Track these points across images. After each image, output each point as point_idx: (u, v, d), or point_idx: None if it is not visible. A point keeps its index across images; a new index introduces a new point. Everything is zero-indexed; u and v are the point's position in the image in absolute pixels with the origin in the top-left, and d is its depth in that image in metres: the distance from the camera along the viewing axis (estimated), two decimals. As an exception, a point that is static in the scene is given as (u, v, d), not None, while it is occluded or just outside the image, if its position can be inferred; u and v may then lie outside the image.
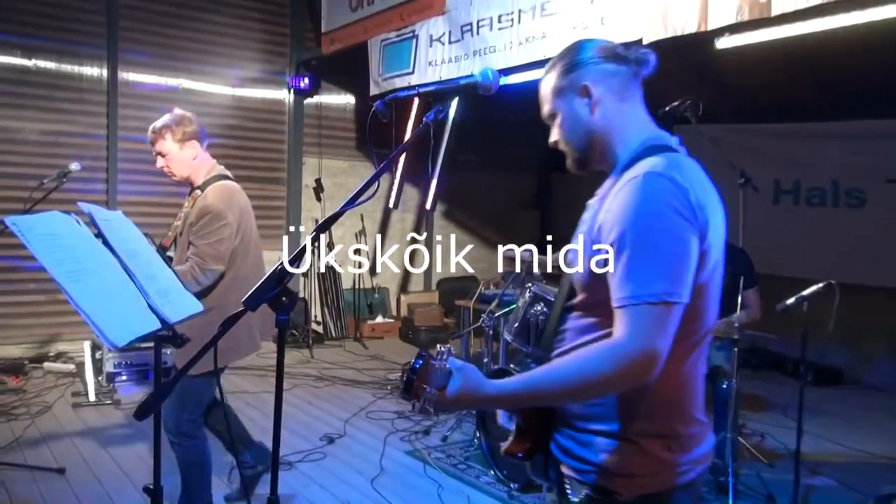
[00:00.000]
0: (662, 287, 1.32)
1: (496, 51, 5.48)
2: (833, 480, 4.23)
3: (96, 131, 7.08)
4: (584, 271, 1.47)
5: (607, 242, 1.39)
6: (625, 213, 1.37)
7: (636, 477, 1.46)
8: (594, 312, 1.49)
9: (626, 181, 1.41)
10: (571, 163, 1.62)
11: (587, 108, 1.54)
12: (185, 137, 3.14)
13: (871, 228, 6.50)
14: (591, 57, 1.57)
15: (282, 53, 8.23)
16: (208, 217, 3.00)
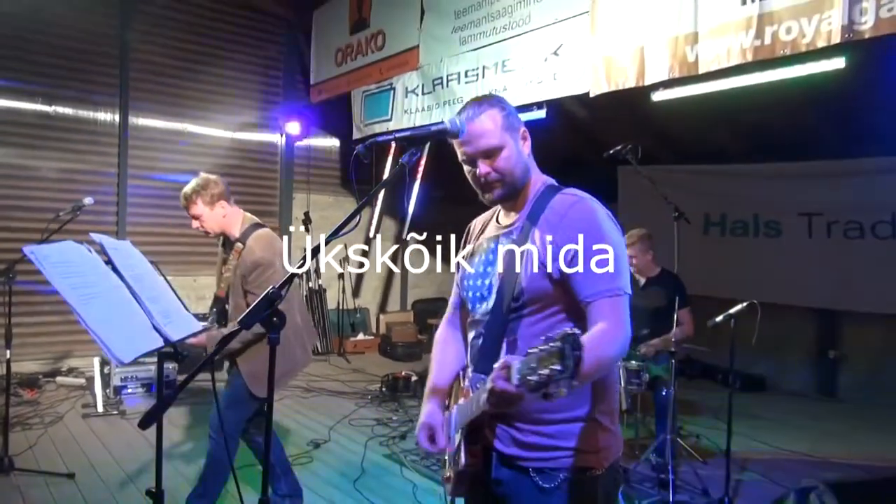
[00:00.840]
0: (620, 283, 1.48)
1: (463, 101, 5.52)
2: (759, 475, 4.26)
3: (108, 169, 6.99)
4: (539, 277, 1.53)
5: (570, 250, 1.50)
6: (584, 226, 1.51)
7: (603, 450, 1.56)
8: (547, 316, 1.55)
9: (569, 203, 1.56)
10: (501, 193, 1.64)
11: (525, 146, 1.66)
12: (213, 199, 3.15)
13: (786, 255, 6.64)
14: (512, 106, 1.68)
15: (276, 102, 8.23)
16: (260, 269, 3.02)
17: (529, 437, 1.56)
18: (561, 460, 1.53)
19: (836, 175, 6.27)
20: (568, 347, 1.15)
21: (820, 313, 6.73)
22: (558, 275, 1.52)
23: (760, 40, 3.62)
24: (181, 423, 5.04)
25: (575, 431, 1.54)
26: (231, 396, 3.14)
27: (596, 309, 1.47)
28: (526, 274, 1.55)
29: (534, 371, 1.18)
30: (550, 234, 1.54)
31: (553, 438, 1.54)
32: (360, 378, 6.88)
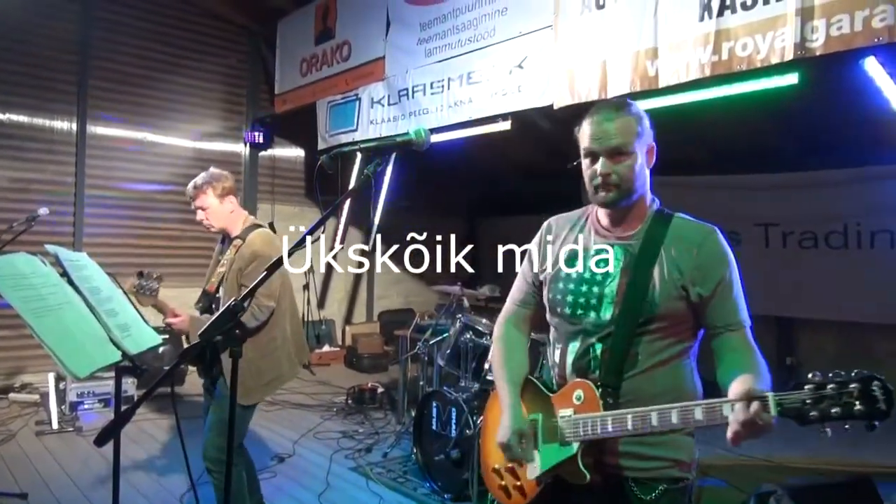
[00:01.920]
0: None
1: (429, 112, 5.55)
2: (722, 481, 4.33)
3: (65, 178, 6.79)
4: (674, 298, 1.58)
5: (717, 279, 1.59)
6: (726, 260, 1.62)
7: (695, 460, 1.64)
8: (669, 335, 1.61)
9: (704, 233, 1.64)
10: (614, 198, 1.64)
11: (648, 163, 1.69)
12: (224, 193, 3.12)
13: (744, 264, 6.75)
14: (649, 127, 1.70)
15: (239, 111, 8.14)
16: (257, 262, 2.95)
17: (634, 447, 1.59)
18: (662, 470, 1.58)
19: (791, 187, 6.45)
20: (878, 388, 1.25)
21: (778, 321, 6.89)
22: (696, 298, 1.58)
23: (718, 56, 3.71)
24: (140, 440, 4.90)
25: (678, 443, 1.61)
26: (222, 422, 2.88)
27: (742, 336, 1.59)
28: (661, 293, 1.58)
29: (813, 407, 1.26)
30: (688, 259, 1.59)
31: (656, 448, 1.58)
32: (325, 390, 6.80)
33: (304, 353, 3.41)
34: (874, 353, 6.34)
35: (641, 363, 1.60)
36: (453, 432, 3.87)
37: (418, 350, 4.97)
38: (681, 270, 1.58)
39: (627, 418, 1.49)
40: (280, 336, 3.07)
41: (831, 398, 1.25)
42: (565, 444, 1.60)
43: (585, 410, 1.59)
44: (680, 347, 1.63)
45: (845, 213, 6.16)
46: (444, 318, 5.14)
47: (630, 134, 1.62)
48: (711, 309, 1.59)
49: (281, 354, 3.08)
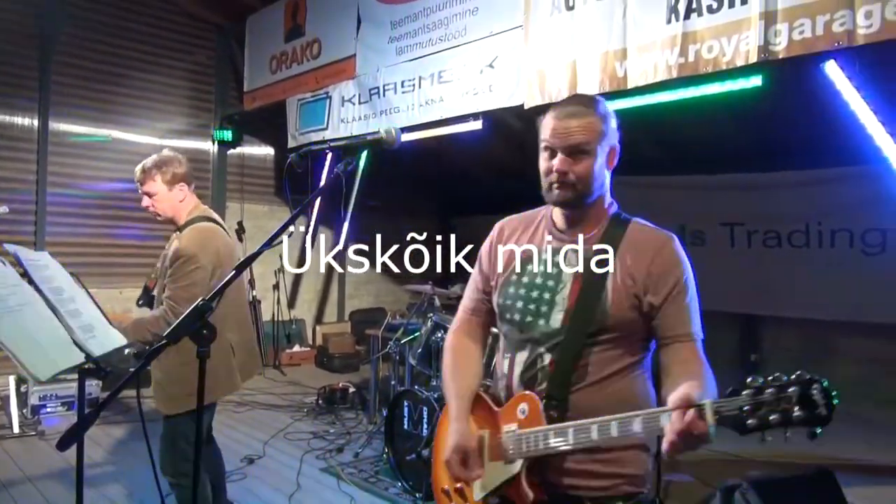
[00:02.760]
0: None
1: (400, 111, 5.54)
2: (689, 476, 4.40)
3: (26, 176, 6.61)
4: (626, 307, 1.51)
5: (668, 287, 1.51)
6: (680, 269, 1.53)
7: (649, 473, 1.57)
8: (621, 346, 1.54)
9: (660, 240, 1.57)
10: (568, 197, 1.56)
11: (610, 163, 1.61)
12: (174, 179, 2.83)
13: (710, 263, 6.91)
14: (615, 129, 1.62)
15: (207, 109, 8.01)
16: (180, 261, 2.67)
17: (587, 465, 1.51)
18: (619, 487, 1.52)
19: (756, 187, 6.58)
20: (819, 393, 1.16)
21: (741, 319, 7.03)
22: (648, 308, 1.51)
23: (685, 58, 3.77)
24: (105, 443, 4.80)
25: (630, 458, 1.54)
26: (169, 431, 2.81)
27: (685, 349, 1.51)
28: (614, 302, 1.51)
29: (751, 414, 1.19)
30: (643, 267, 1.52)
31: (611, 465, 1.51)
32: (295, 391, 6.74)
33: (253, 365, 3.10)
34: (835, 349, 6.51)
35: (592, 375, 1.52)
36: (425, 431, 3.87)
37: (389, 349, 4.95)
38: (634, 279, 1.51)
39: (569, 432, 1.42)
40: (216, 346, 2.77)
41: (770, 404, 1.17)
42: (509, 462, 1.52)
43: (529, 425, 1.50)
44: (633, 359, 1.56)
45: (807, 213, 6.31)
46: (415, 318, 5.14)
47: (593, 133, 1.53)
48: (661, 318, 1.51)
49: (216, 366, 2.51)
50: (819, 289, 6.21)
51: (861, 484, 4.20)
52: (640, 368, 1.58)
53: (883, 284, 5.81)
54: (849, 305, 6.01)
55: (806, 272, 6.30)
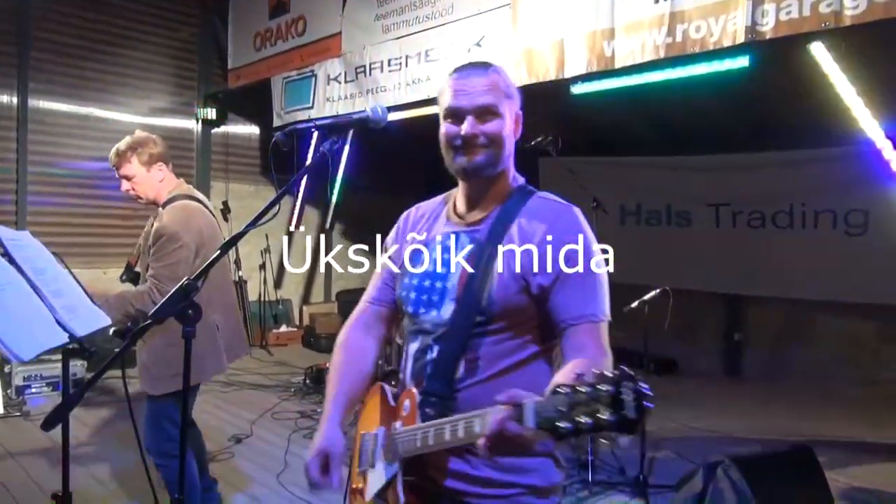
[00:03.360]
0: (607, 308, 1.35)
1: (386, 90, 5.49)
2: (672, 452, 4.47)
3: (6, 155, 6.50)
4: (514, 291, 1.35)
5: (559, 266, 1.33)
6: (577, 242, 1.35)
7: (556, 486, 1.42)
8: (515, 336, 1.37)
9: (556, 211, 1.40)
10: (482, 160, 1.41)
11: (512, 130, 1.46)
12: (152, 160, 2.77)
13: (696, 243, 6.96)
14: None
15: (190, 87, 7.89)
16: (163, 240, 2.64)
17: (483, 472, 1.37)
18: (516, 498, 1.37)
19: (741, 168, 6.62)
20: (629, 394, 0.93)
21: (726, 298, 7.11)
22: (538, 290, 1.34)
23: (672, 38, 3.76)
24: (90, 423, 4.79)
25: (533, 466, 1.38)
26: (154, 412, 2.81)
27: (581, 333, 1.30)
28: (499, 284, 1.35)
29: (564, 416, 0.96)
30: (532, 242, 1.35)
31: (510, 473, 1.36)
32: (283, 370, 6.75)
33: (240, 346, 3.07)
34: (817, 328, 6.61)
35: (483, 370, 1.37)
36: (412, 410, 3.89)
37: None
38: (522, 259, 1.35)
39: (430, 432, 1.28)
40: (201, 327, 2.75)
41: (583, 405, 0.95)
42: (391, 463, 1.39)
43: (409, 423, 1.37)
44: (531, 351, 1.39)
45: (791, 193, 6.36)
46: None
47: (499, 92, 1.41)
48: (554, 300, 1.33)
49: (202, 347, 2.59)
50: (802, 269, 6.28)
51: (840, 460, 4.29)
52: (541, 362, 1.41)
53: (865, 265, 5.89)
54: (831, 285, 6.09)
55: (790, 253, 6.37)
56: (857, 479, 4.06)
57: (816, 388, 6.30)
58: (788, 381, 6.59)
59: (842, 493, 3.81)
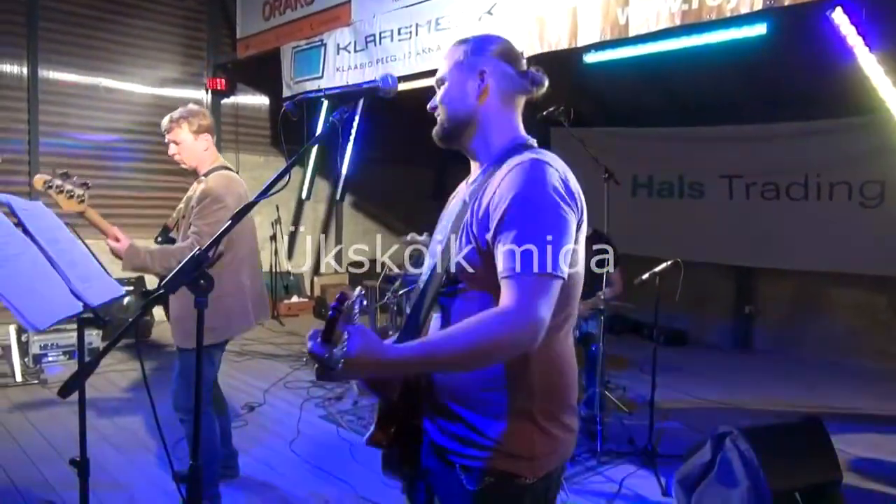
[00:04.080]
0: (547, 261, 1.24)
1: (396, 59, 5.44)
2: (680, 424, 4.50)
3: (17, 125, 6.52)
4: (473, 255, 1.35)
5: (496, 220, 1.29)
6: (514, 193, 1.28)
7: (539, 457, 1.35)
8: (480, 298, 1.35)
9: (511, 166, 1.34)
10: (438, 130, 1.52)
11: (476, 90, 1.46)
12: (199, 129, 3.02)
13: (708, 215, 6.91)
14: (495, 51, 1.49)
15: (199, 56, 7.85)
16: (208, 200, 2.88)
17: (454, 426, 1.37)
18: (485, 460, 1.33)
19: (756, 139, 6.53)
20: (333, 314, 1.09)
21: (737, 271, 7.07)
22: (485, 247, 1.33)
23: (688, 5, 3.68)
24: (108, 391, 4.87)
25: (502, 427, 1.33)
26: (185, 366, 2.98)
27: (505, 287, 1.25)
28: (460, 245, 1.38)
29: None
30: (486, 198, 1.35)
31: (475, 432, 1.34)
32: (294, 341, 6.81)
33: (263, 309, 3.28)
34: (829, 301, 6.58)
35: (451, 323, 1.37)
36: (422, 380, 3.92)
37: (387, 300, 4.99)
38: (476, 216, 1.35)
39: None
40: (233, 286, 2.97)
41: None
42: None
43: None
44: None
45: (806, 165, 6.28)
46: (412, 269, 5.15)
47: (450, 61, 1.50)
48: (496, 257, 1.30)
49: (232, 303, 2.97)
50: (816, 241, 6.23)
51: (850, 432, 4.30)
52: None
53: (879, 236, 5.83)
54: (845, 257, 6.05)
55: (803, 225, 6.31)
56: (867, 451, 4.07)
57: (827, 361, 6.30)
58: (799, 354, 6.58)
59: (851, 464, 3.83)
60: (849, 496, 3.39)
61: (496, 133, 1.47)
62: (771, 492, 2.81)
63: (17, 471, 3.47)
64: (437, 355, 1.21)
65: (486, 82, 1.46)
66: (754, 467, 2.85)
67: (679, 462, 3.41)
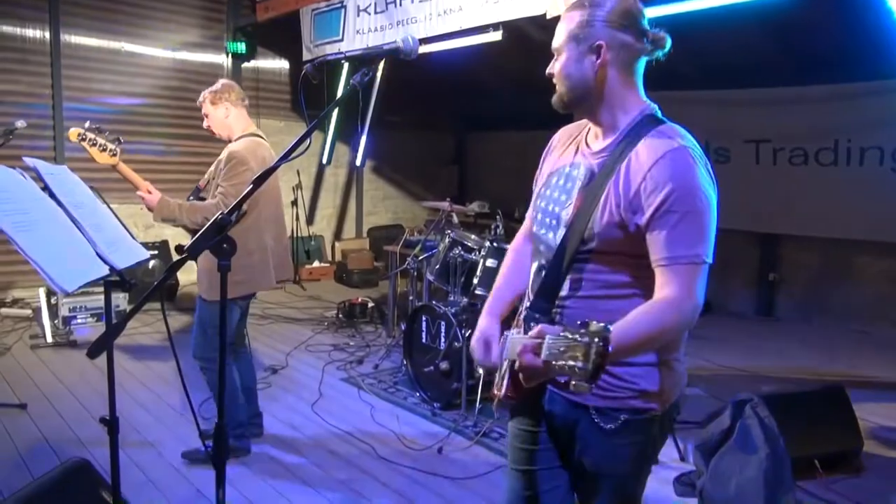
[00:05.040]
0: (703, 249, 1.35)
1: (417, 21, 5.35)
2: (701, 390, 4.50)
3: (41, 90, 6.56)
4: (614, 229, 1.41)
5: (653, 207, 1.36)
6: (672, 185, 1.35)
7: (667, 391, 1.50)
8: (613, 264, 1.46)
9: (659, 153, 1.38)
10: (556, 99, 1.53)
11: (593, 65, 1.45)
12: (218, 100, 3.26)
13: (734, 181, 6.78)
14: (614, 20, 1.44)
15: (219, 20, 7.80)
16: (234, 162, 3.08)
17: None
18: (625, 401, 1.47)
19: (784, 102, 6.36)
20: (594, 348, 1.06)
21: (762, 238, 6.97)
22: (634, 229, 1.40)
23: (718, -38, 3.56)
24: (136, 352, 4.99)
25: (644, 374, 1.47)
26: (203, 316, 3.18)
27: (667, 274, 1.36)
28: (601, 218, 1.42)
29: (560, 356, 1.11)
30: (635, 180, 1.39)
31: (620, 380, 1.47)
32: (315, 305, 6.89)
33: (286, 270, 3.47)
34: (855, 268, 6.47)
35: (581, 291, 1.49)
36: (442, 345, 3.96)
37: (408, 265, 5.01)
38: (624, 196, 1.40)
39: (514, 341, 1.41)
40: (256, 245, 3.17)
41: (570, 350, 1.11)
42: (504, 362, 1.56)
43: (519, 330, 1.57)
44: (628, 279, 1.46)
45: (837, 129, 6.11)
46: (433, 234, 5.15)
47: (564, 31, 1.47)
48: (648, 241, 1.39)
49: (255, 261, 3.17)
50: (844, 207, 6.11)
51: (873, 401, 4.27)
52: (637, 290, 1.47)
53: (910, 203, 5.70)
54: (873, 224, 5.93)
55: (832, 190, 6.18)
56: (890, 419, 4.05)
57: (852, 329, 6.23)
58: (823, 322, 6.52)
59: (872, 432, 3.82)
60: (870, 464, 3.39)
61: (620, 105, 1.49)
62: (790, 458, 2.82)
63: (49, 429, 3.59)
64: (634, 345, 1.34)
65: (603, 56, 1.44)
66: (774, 434, 2.85)
67: (698, 429, 3.42)
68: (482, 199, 5.89)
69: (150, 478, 3.10)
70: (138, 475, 3.11)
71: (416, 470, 3.26)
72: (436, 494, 3.04)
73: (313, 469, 3.27)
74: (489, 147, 9.85)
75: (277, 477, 3.17)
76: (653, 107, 1.52)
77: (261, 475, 3.18)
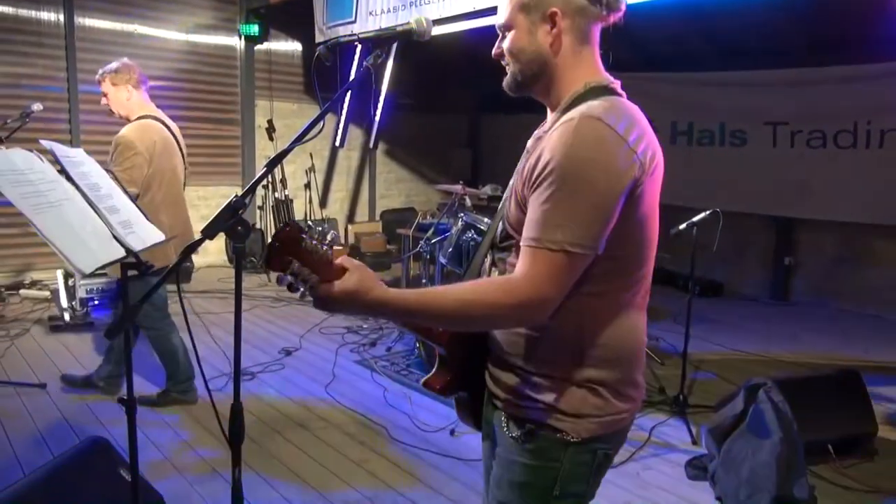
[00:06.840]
0: (566, 236, 1.13)
1: (430, 2, 5.31)
2: (713, 374, 4.49)
3: (56, 73, 6.60)
4: (518, 209, 1.27)
5: (533, 178, 1.20)
6: (553, 157, 1.16)
7: (586, 418, 1.28)
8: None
9: (561, 122, 1.21)
10: (510, 80, 1.36)
11: (547, 36, 1.28)
12: (118, 81, 3.38)
13: (751, 164, 6.72)
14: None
15: (232, 2, 7.77)
16: (120, 147, 3.22)
17: (509, 378, 1.35)
18: (531, 411, 1.30)
19: (803, 84, 6.27)
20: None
21: (778, 221, 6.90)
22: (525, 206, 1.24)
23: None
24: (151, 334, 5.06)
25: (552, 388, 1.29)
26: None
27: (522, 255, 1.19)
28: (509, 204, 1.32)
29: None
30: (535, 156, 1.23)
31: (533, 388, 1.31)
32: (329, 288, 6.91)
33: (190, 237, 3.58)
34: (872, 253, 6.39)
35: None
36: (455, 328, 3.97)
37: (420, 249, 5.01)
38: (528, 172, 1.24)
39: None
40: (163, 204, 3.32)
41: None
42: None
43: None
44: None
45: (856, 111, 6.01)
46: (445, 217, 5.15)
47: (511, 5, 1.30)
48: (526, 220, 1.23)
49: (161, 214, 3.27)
50: (863, 191, 6.02)
51: (888, 385, 4.25)
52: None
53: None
54: (892, 208, 5.85)
55: (851, 174, 6.10)
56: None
57: (868, 314, 6.18)
58: (839, 307, 6.46)
59: (888, 417, 3.80)
60: (883, 449, 3.37)
61: (569, 78, 1.31)
62: (803, 443, 2.81)
63: (68, 408, 3.65)
64: (431, 307, 1.19)
65: (559, 25, 1.27)
66: (788, 418, 2.84)
67: (711, 413, 3.42)
68: (495, 182, 5.88)
69: (167, 456, 3.16)
70: (155, 454, 3.17)
71: (429, 451, 3.29)
72: (448, 476, 3.07)
73: (327, 450, 3.31)
74: (503, 130, 9.79)
75: (291, 457, 3.21)
76: (602, 77, 1.32)
77: (276, 455, 3.22)
